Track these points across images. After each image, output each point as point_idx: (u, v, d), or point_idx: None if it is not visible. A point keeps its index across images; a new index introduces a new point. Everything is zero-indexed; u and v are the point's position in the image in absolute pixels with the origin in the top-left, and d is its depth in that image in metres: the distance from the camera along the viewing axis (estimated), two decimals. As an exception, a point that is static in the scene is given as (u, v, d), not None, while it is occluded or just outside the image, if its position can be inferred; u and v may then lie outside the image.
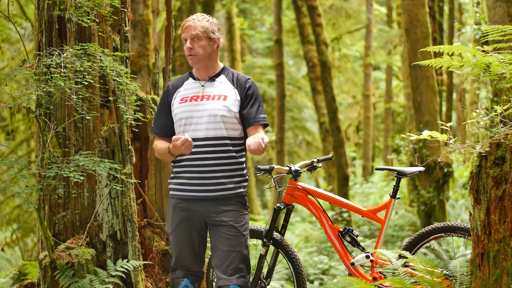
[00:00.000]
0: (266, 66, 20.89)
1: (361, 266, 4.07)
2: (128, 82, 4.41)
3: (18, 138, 10.89)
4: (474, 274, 3.12)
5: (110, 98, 4.46)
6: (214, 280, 3.83)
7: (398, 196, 4.08)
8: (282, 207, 4.14)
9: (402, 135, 3.82)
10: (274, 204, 13.97)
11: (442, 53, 3.47)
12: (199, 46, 3.56)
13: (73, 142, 4.40)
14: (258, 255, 4.14)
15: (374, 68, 21.53)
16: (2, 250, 10.55)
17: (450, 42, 13.41)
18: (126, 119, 4.47)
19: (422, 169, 4.14)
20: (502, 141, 2.97)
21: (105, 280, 4.16)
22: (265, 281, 4.15)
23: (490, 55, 3.29)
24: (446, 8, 14.49)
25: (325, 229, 4.15)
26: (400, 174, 4.06)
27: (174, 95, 3.69)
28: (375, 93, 23.79)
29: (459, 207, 10.50)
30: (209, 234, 3.64)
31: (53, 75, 4.02)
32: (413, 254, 3.91)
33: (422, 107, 9.63)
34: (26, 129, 10.71)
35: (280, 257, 4.23)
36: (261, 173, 4.02)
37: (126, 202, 4.37)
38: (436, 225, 3.99)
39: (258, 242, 4.26)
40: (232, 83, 3.63)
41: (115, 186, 4.33)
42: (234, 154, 3.58)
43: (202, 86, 3.63)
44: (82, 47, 4.19)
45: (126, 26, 4.66)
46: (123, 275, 4.26)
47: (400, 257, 3.63)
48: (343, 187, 12.47)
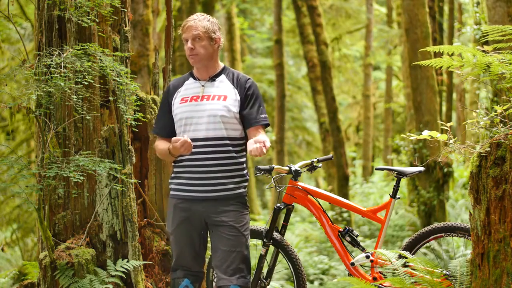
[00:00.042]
0: (266, 66, 20.88)
1: (361, 266, 4.07)
2: (128, 82, 4.41)
3: (18, 138, 10.88)
4: (474, 274, 3.11)
5: (110, 98, 4.46)
6: (214, 280, 3.83)
7: (398, 196, 4.08)
8: (282, 207, 4.14)
9: (402, 135, 3.82)
10: (274, 204, 13.96)
11: (442, 53, 3.47)
12: (201, 46, 3.55)
13: (73, 142, 4.39)
14: (258, 255, 4.13)
15: (374, 68, 21.53)
16: (2, 250, 10.54)
17: (450, 42, 13.40)
18: (126, 119, 4.47)
19: (422, 169, 4.13)
20: (502, 141, 2.97)
21: (105, 280, 4.15)
22: (265, 281, 4.14)
23: (490, 55, 3.29)
24: (446, 8, 14.48)
25: (325, 229, 4.15)
26: (400, 174, 4.05)
27: (175, 95, 3.68)
28: (375, 93, 23.78)
29: (459, 207, 10.50)
30: (209, 234, 3.63)
31: (53, 75, 4.01)
32: (413, 254, 3.91)
33: (422, 107, 9.63)
34: (26, 129, 10.70)
35: (280, 257, 4.23)
36: (261, 173, 4.02)
37: (126, 202, 4.37)
38: (436, 225, 3.99)
39: (258, 242, 4.25)
40: (232, 83, 3.62)
41: (115, 186, 4.33)
42: (234, 154, 3.58)
43: (203, 86, 3.62)
44: (82, 47, 4.19)
45: (126, 26, 4.66)
46: (123, 275, 4.26)
47: (400, 257, 3.62)
48: (343, 187, 12.47)
